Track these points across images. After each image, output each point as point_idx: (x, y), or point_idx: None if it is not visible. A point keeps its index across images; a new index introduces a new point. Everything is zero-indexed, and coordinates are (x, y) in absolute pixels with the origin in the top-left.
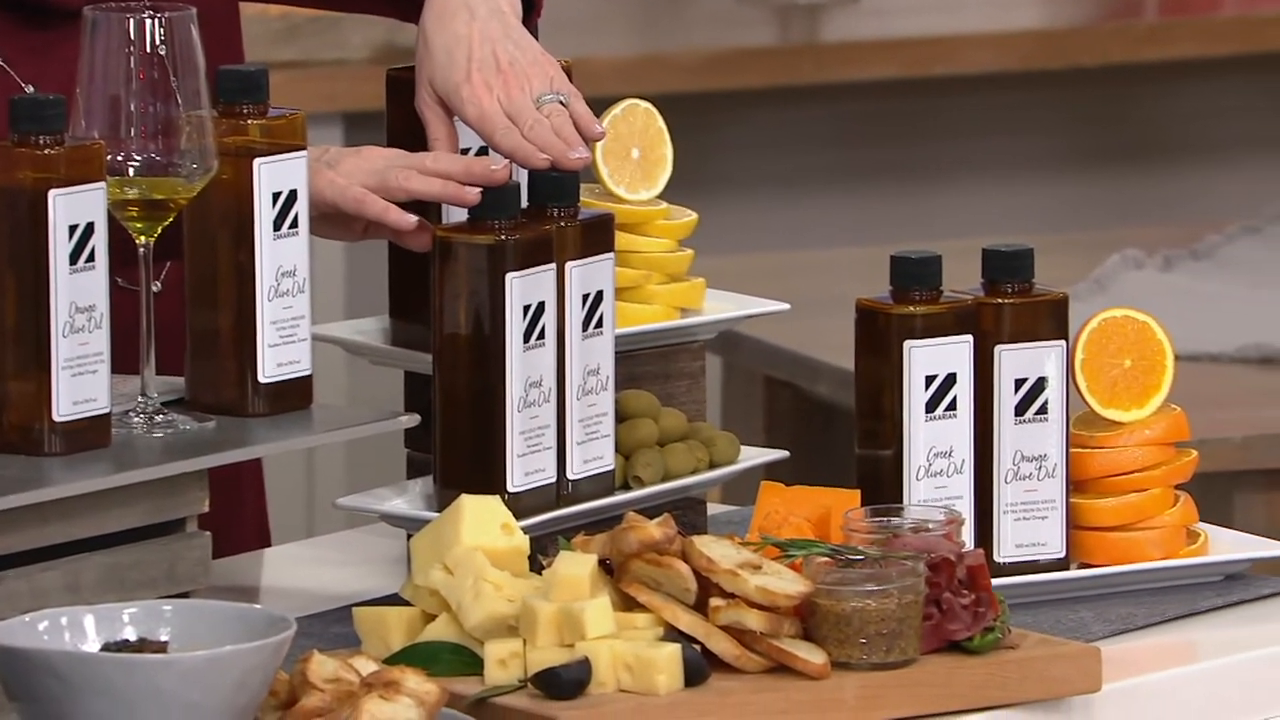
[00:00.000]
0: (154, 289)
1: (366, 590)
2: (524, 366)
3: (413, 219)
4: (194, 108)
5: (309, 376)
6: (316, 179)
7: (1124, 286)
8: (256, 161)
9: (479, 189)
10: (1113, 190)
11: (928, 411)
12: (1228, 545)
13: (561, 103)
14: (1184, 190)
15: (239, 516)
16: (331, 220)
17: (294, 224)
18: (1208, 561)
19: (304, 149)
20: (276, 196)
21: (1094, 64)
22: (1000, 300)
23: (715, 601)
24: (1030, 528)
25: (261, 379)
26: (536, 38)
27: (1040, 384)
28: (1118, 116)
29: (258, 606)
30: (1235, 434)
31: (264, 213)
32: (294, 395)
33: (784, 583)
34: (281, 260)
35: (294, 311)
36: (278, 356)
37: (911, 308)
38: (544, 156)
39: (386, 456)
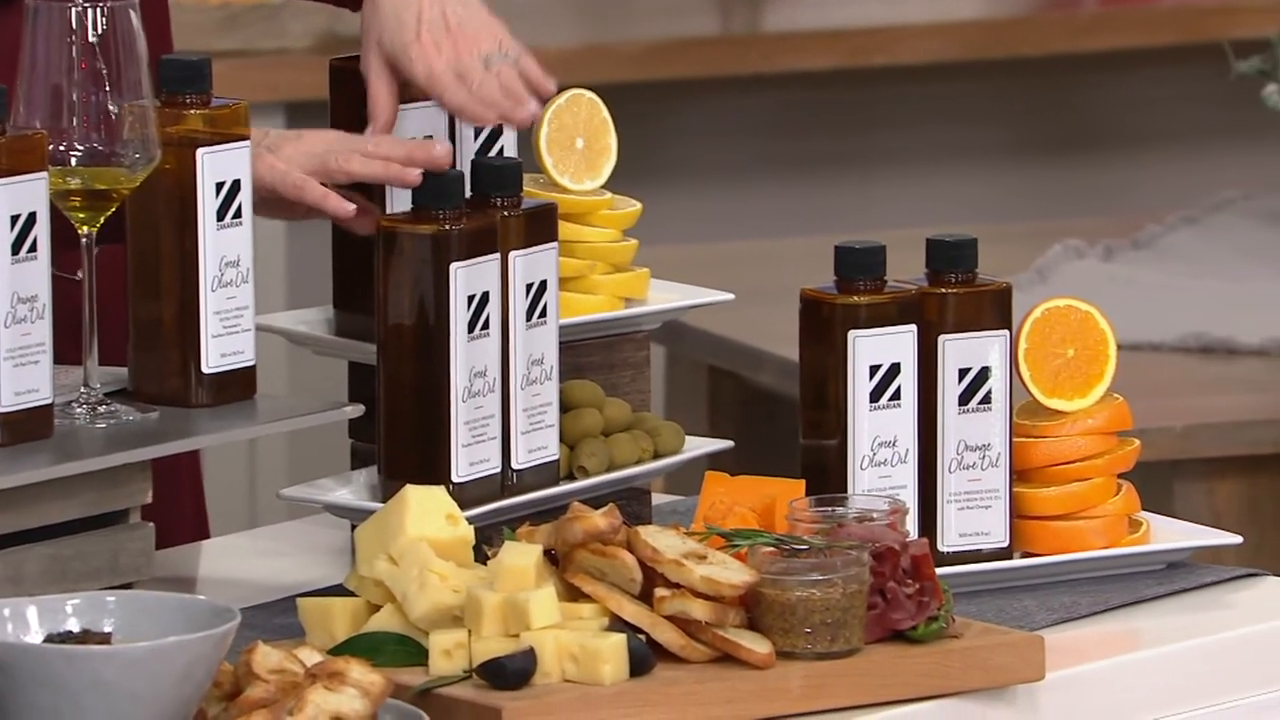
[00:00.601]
0: (77, 277)
1: (311, 581)
2: (468, 356)
3: (350, 206)
4: (136, 97)
5: (252, 367)
6: (257, 163)
7: (1065, 276)
8: (200, 151)
9: (420, 171)
10: (1054, 180)
11: (872, 401)
12: (1169, 534)
13: (511, 62)
14: (1124, 180)
15: (178, 507)
16: (273, 203)
17: (237, 214)
18: (1150, 550)
19: (247, 139)
20: (220, 186)
21: (1035, 54)
22: (944, 290)
23: (660, 591)
24: (974, 517)
25: (205, 369)
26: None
27: (984, 374)
28: (1059, 106)
29: (202, 598)
30: (1175, 423)
31: (207, 203)
32: (237, 386)
33: (729, 573)
34: (225, 250)
35: (237, 302)
36: (221, 347)
37: (856, 298)
38: (491, 114)
39: (330, 447)
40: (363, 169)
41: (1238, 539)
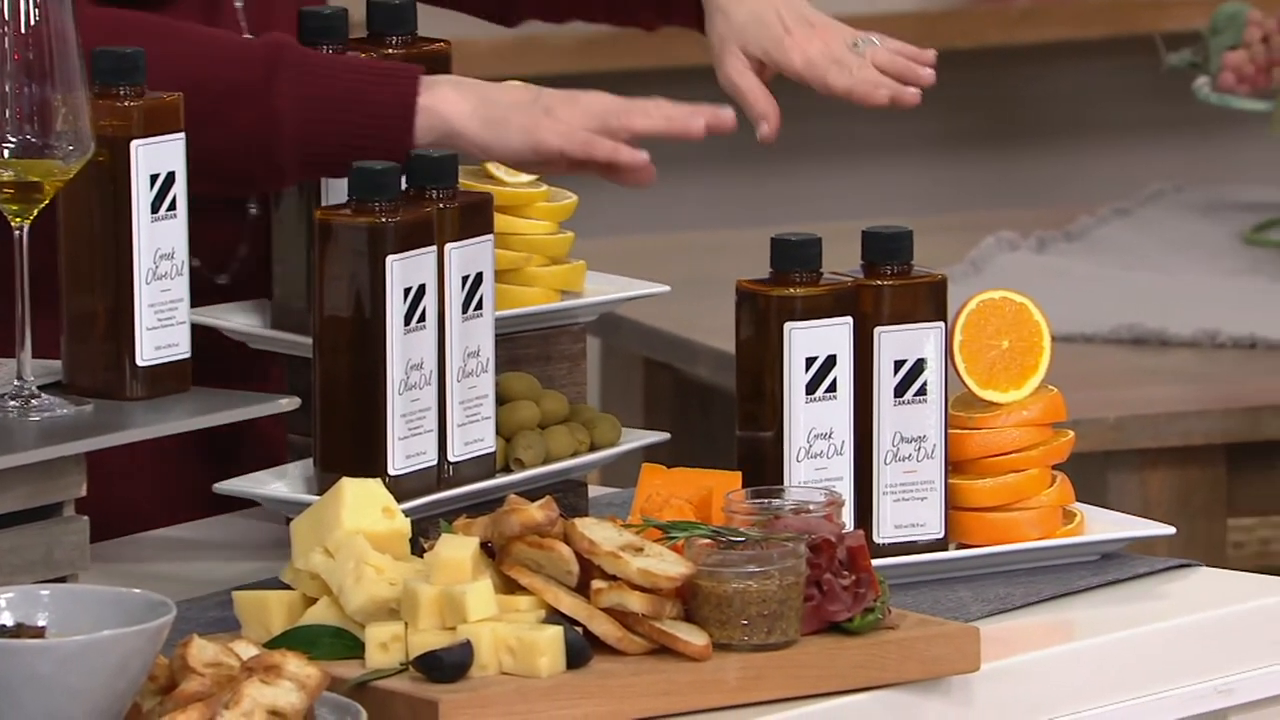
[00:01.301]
0: None
1: (246, 574)
2: (404, 349)
3: (644, 154)
4: (70, 89)
5: (187, 360)
6: (539, 125)
7: (999, 268)
8: (134, 144)
9: (704, 120)
10: (987, 172)
11: (808, 393)
12: (1103, 525)
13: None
14: (1057, 172)
15: (112, 500)
16: (549, 163)
17: (172, 206)
18: (1084, 541)
19: (181, 131)
20: (154, 178)
21: (968, 46)
22: (879, 282)
23: (597, 584)
24: (909, 508)
25: (139, 362)
26: None
27: (919, 365)
28: (992, 99)
29: (137, 591)
30: (1109, 414)
31: (141, 195)
32: (172, 379)
33: (665, 565)
34: (160, 243)
35: (172, 294)
36: (156, 340)
37: (791, 290)
38: (883, 90)
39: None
40: (645, 124)
41: (1170, 530)
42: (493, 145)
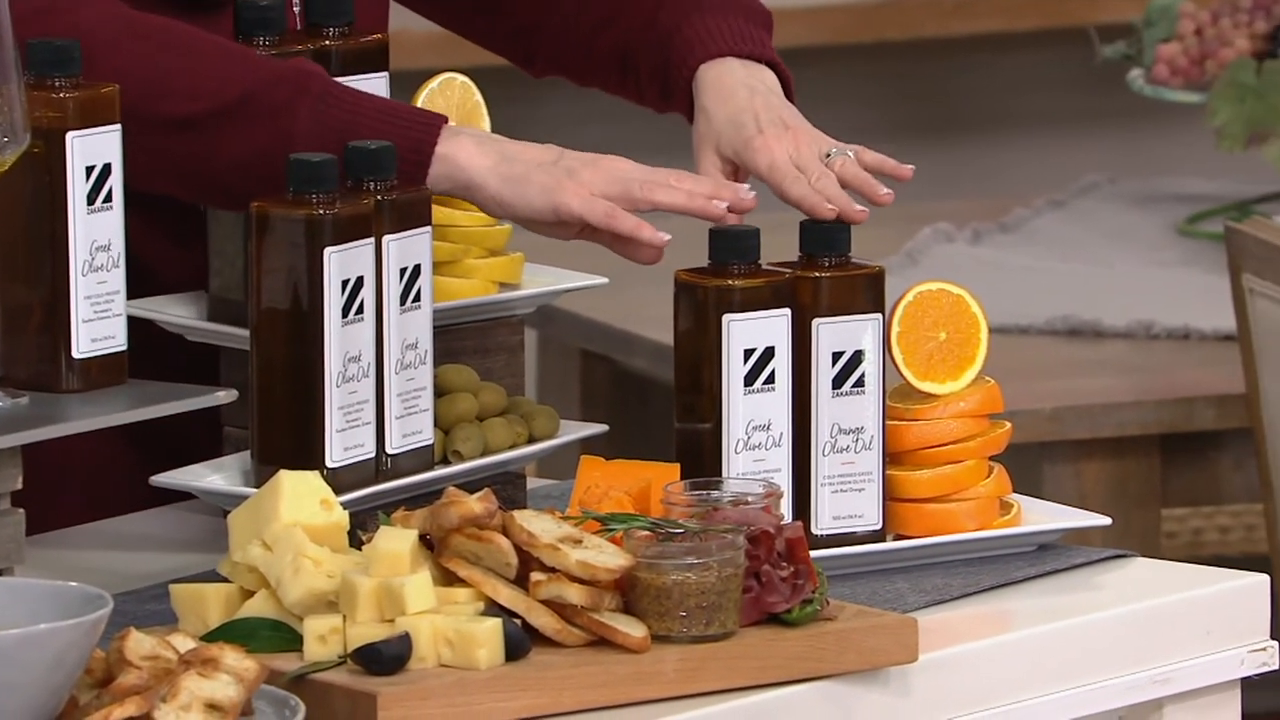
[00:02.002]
0: None
1: (183, 567)
2: (342, 341)
3: (665, 236)
4: (4, 80)
5: (124, 352)
6: (561, 187)
7: (935, 259)
8: (69, 135)
9: (726, 203)
10: (922, 164)
11: (746, 385)
12: (1040, 516)
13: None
14: (992, 164)
15: (48, 493)
16: (565, 226)
17: (108, 198)
18: (1021, 532)
19: (117, 123)
20: (90, 170)
21: (902, 38)
22: (817, 274)
23: (536, 576)
24: (847, 500)
25: (75, 354)
26: None
27: (857, 357)
28: (926, 91)
29: (73, 584)
30: (1044, 405)
31: (77, 187)
32: (109, 371)
33: (604, 557)
34: (95, 235)
35: (108, 287)
36: (92, 332)
37: (730, 281)
38: (830, 207)
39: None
40: (668, 198)
41: (1107, 520)
42: (513, 203)
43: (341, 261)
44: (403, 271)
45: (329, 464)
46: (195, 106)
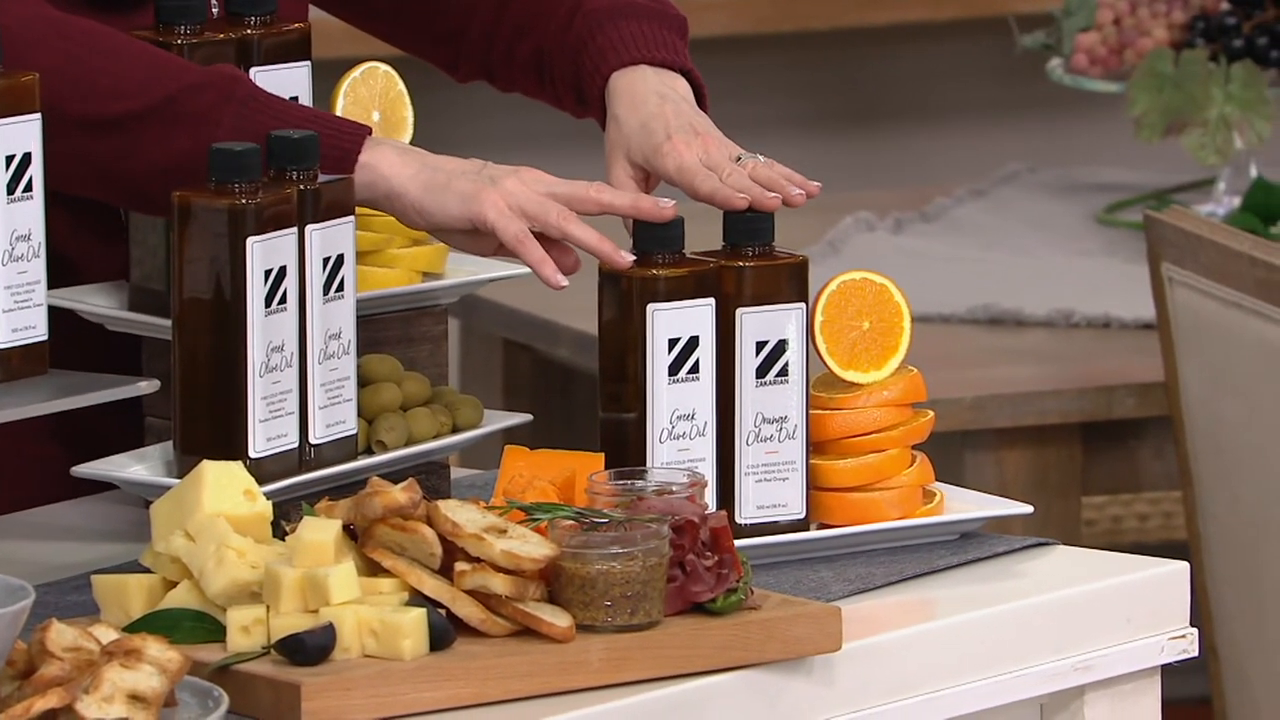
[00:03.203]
0: None
1: (105, 558)
2: (265, 331)
3: (562, 282)
4: None
5: (45, 342)
6: (480, 195)
7: (856, 248)
8: None
9: (632, 258)
10: (843, 153)
11: (670, 374)
12: (962, 504)
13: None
14: (913, 154)
15: None
16: (481, 237)
17: (28, 188)
18: (944, 521)
19: (36, 113)
20: (10, 159)
21: (824, 28)
22: (741, 263)
23: (460, 566)
24: (771, 489)
25: None
26: None
27: (781, 346)
28: (847, 80)
29: None
30: (966, 394)
31: None
32: (29, 361)
33: (529, 546)
34: (16, 224)
35: (29, 276)
36: (12, 322)
37: (654, 271)
38: (742, 196)
39: None
40: (580, 234)
41: (1029, 509)
42: (431, 211)
43: (264, 251)
44: (326, 261)
45: (252, 454)
46: (118, 107)
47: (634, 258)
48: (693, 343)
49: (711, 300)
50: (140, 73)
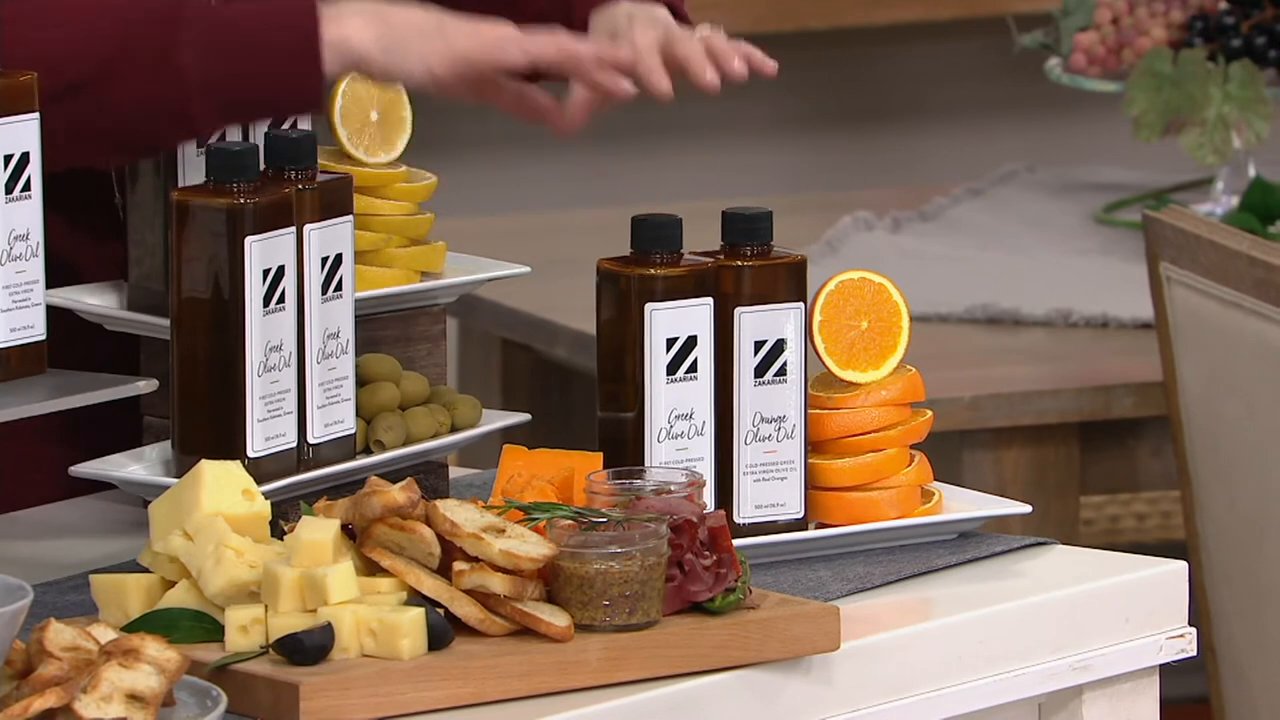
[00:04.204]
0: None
1: (104, 557)
2: (263, 331)
3: (545, 99)
4: None
5: (43, 342)
6: (433, 52)
7: (855, 248)
8: None
9: (546, 105)
10: (842, 152)
11: (669, 374)
12: (961, 504)
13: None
14: (911, 153)
15: None
16: (439, 86)
17: (26, 187)
18: (942, 520)
19: (34, 112)
20: (8, 159)
21: (824, 27)
22: (740, 263)
23: (459, 565)
24: (770, 488)
25: None
26: None
27: (779, 346)
28: (846, 80)
29: None
30: (964, 393)
31: None
32: (27, 360)
33: (527, 546)
34: (14, 224)
35: (27, 276)
36: (10, 321)
37: (652, 270)
38: (712, 75)
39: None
40: (540, 47)
41: (1027, 508)
42: (393, 72)
43: (263, 251)
44: (324, 260)
45: (250, 454)
46: (80, 69)
47: (546, 105)
48: (691, 342)
49: (710, 300)
50: (90, 29)
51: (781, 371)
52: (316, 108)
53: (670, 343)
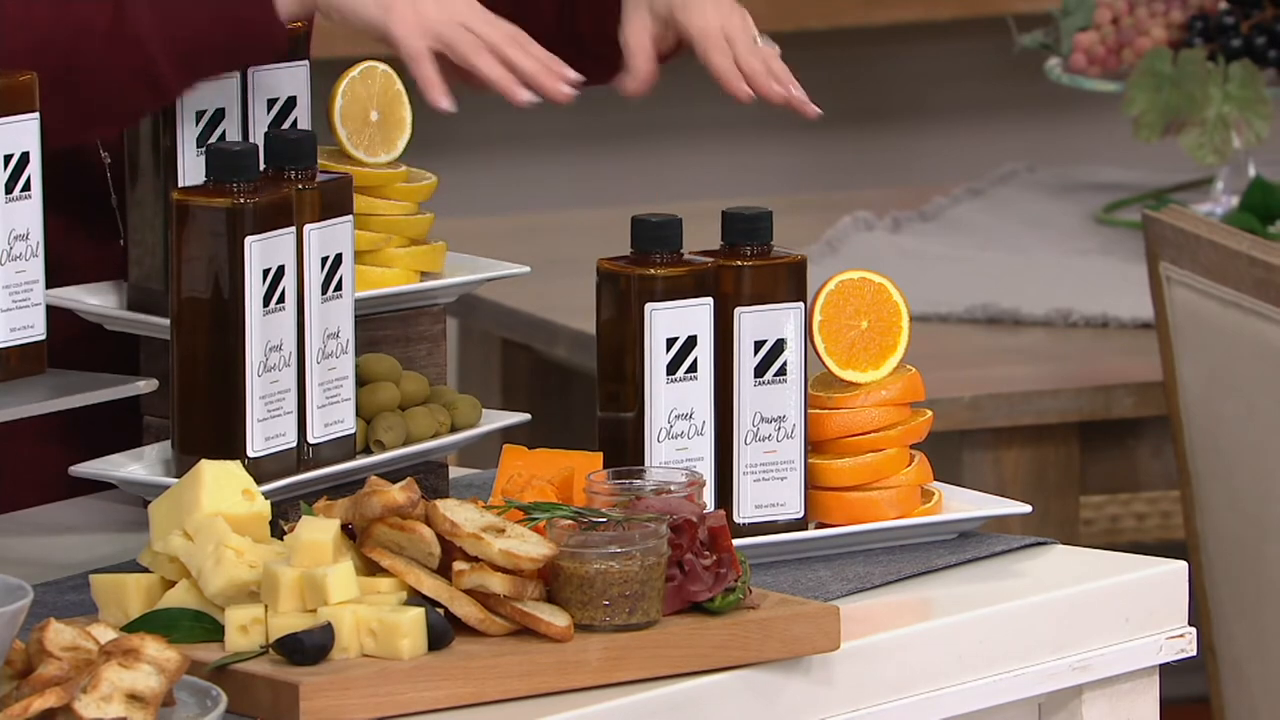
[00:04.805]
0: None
1: (104, 557)
2: (263, 331)
3: (447, 104)
4: None
5: (43, 341)
6: (393, 10)
7: (855, 248)
8: None
9: (529, 96)
10: (843, 152)
11: (669, 374)
12: (961, 504)
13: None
14: (912, 153)
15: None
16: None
17: (26, 187)
18: (942, 520)
19: (34, 112)
20: (8, 159)
21: (824, 27)
22: (740, 263)
23: (459, 565)
24: (769, 488)
25: None
26: None
27: (779, 346)
28: (847, 80)
29: None
30: (964, 393)
31: None
32: (27, 360)
33: (527, 546)
34: (14, 223)
35: (27, 276)
36: (10, 321)
37: (652, 270)
38: (746, 90)
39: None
40: (486, 68)
41: (1027, 508)
42: (349, 13)
43: (263, 250)
44: (324, 260)
45: (250, 453)
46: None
47: (529, 97)
48: (691, 342)
49: (710, 299)
50: (40, 15)
51: (781, 371)
52: (280, 48)
53: (670, 343)
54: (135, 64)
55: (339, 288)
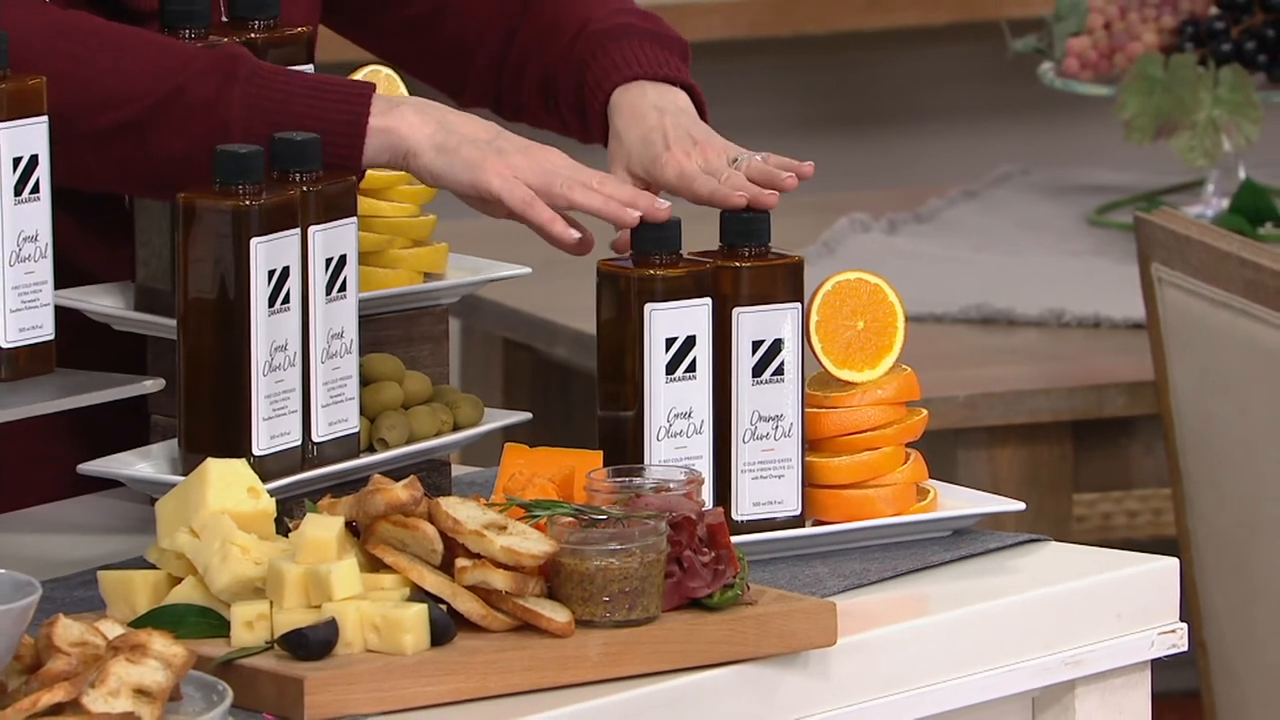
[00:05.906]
0: None
1: (111, 554)
2: (268, 331)
3: (575, 234)
4: None
5: (51, 342)
6: (486, 164)
7: (851, 249)
8: None
9: (639, 213)
10: (839, 155)
11: (668, 373)
12: (956, 501)
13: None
14: (907, 155)
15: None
16: (489, 204)
17: (35, 189)
18: (937, 517)
19: (44, 114)
20: (17, 162)
21: (820, 31)
22: (738, 264)
23: (461, 562)
24: (767, 486)
25: (3, 344)
26: None
27: (777, 346)
28: (842, 84)
29: (1, 570)
30: (959, 393)
31: (4, 178)
32: (36, 360)
33: (529, 543)
34: (23, 225)
35: (36, 277)
36: (19, 321)
37: (652, 271)
38: (740, 194)
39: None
40: (585, 200)
41: (1021, 505)
42: (441, 174)
43: (268, 252)
44: (329, 261)
45: (256, 452)
46: (130, 110)
47: (638, 215)
48: (690, 342)
49: (708, 300)
50: (145, 67)
51: (779, 371)
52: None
53: (669, 342)
54: (211, 139)
55: (343, 288)
